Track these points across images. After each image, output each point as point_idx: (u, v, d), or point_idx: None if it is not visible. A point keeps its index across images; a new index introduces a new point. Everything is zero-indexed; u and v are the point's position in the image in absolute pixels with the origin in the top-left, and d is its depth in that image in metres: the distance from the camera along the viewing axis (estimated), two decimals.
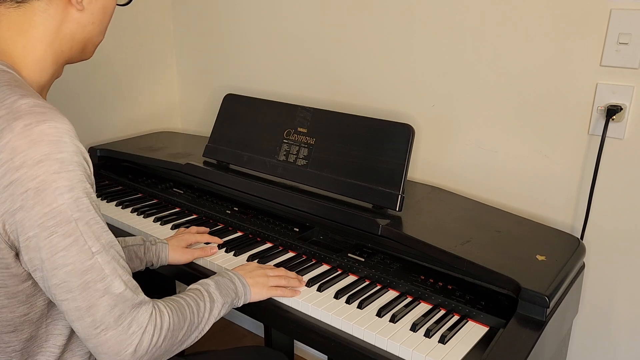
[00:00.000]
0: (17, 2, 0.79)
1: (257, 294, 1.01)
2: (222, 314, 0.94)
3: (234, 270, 1.04)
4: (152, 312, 0.79)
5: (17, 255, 0.73)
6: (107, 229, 0.77)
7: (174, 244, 1.18)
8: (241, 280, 1.00)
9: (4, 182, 0.69)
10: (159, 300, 0.84)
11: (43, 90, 0.86)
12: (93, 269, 0.73)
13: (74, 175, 0.71)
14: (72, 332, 0.86)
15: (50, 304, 0.82)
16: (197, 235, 1.23)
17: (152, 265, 1.16)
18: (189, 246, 1.20)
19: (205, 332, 0.90)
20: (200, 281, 0.96)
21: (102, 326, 0.74)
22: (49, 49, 0.82)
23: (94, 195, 0.76)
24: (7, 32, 0.79)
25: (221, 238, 1.26)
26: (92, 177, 0.77)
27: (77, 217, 0.72)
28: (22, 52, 0.80)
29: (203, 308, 0.89)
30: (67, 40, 0.84)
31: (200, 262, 1.18)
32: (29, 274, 0.76)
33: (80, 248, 0.72)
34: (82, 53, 0.89)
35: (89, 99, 1.77)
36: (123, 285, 0.76)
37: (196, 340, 0.89)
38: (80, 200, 0.72)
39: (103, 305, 0.73)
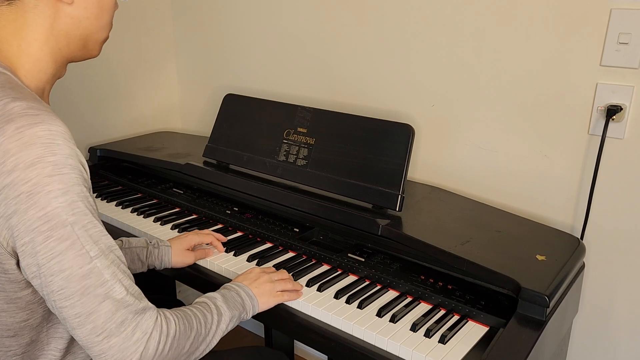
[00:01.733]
0: (7, 0, 0.77)
1: (264, 304, 0.99)
2: (229, 328, 0.91)
3: (238, 279, 1.02)
4: (157, 318, 0.76)
5: (17, 263, 0.72)
6: (106, 232, 0.75)
7: (177, 246, 1.16)
8: (247, 292, 0.97)
9: None
10: (166, 309, 0.82)
11: (44, 91, 0.84)
12: (92, 274, 0.71)
13: (68, 179, 0.70)
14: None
15: (51, 311, 0.80)
16: (202, 236, 1.20)
17: (155, 268, 1.15)
18: (193, 248, 1.19)
19: (213, 345, 0.87)
20: (207, 294, 0.93)
21: (104, 333, 0.71)
22: (44, 47, 0.80)
23: (90, 199, 0.74)
24: (2, 32, 0.78)
25: None
26: (89, 180, 0.75)
27: (73, 220, 0.70)
28: (17, 52, 0.78)
29: (210, 320, 0.86)
30: (63, 37, 0.81)
31: (200, 262, 1.18)
32: (28, 283, 0.74)
33: (77, 252, 0.70)
34: (84, 50, 0.86)
35: (88, 99, 1.77)
36: (124, 290, 0.73)
37: (204, 353, 0.86)
38: (75, 204, 0.70)
39: (104, 311, 0.71)
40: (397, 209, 1.19)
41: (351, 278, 1.13)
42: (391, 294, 1.07)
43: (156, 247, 1.14)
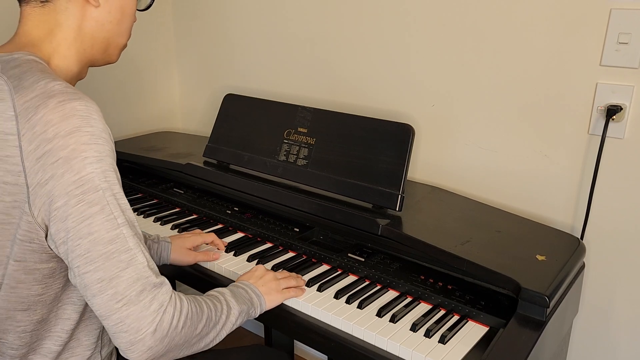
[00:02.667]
0: (42, 2, 0.84)
1: (271, 301, 1.00)
2: (239, 323, 0.92)
3: (243, 278, 1.03)
4: (172, 294, 0.79)
5: (46, 235, 0.75)
6: (130, 208, 0.79)
7: (177, 244, 1.16)
8: (254, 290, 0.98)
9: (38, 153, 0.72)
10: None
11: None
12: (118, 239, 0.74)
13: (102, 149, 0.74)
14: (81, 319, 0.87)
15: (65, 288, 0.83)
16: (204, 235, 1.20)
17: None
18: (194, 248, 1.19)
19: (222, 337, 0.89)
20: (215, 289, 0.95)
21: (124, 300, 0.74)
22: (72, 47, 0.86)
23: (119, 175, 0.78)
24: (35, 31, 0.84)
25: (221, 238, 1.26)
26: (115, 160, 0.80)
27: (105, 187, 0.74)
28: (49, 49, 0.85)
29: (220, 310, 0.88)
30: (89, 38, 0.87)
31: (200, 262, 1.18)
32: (51, 256, 0.77)
33: (106, 217, 0.74)
34: (105, 54, 0.92)
35: None
36: (145, 261, 0.77)
37: (213, 343, 0.87)
38: (107, 172, 0.75)
39: (126, 277, 0.74)
40: (397, 209, 1.19)
41: (351, 278, 1.13)
42: (391, 294, 1.07)
43: (156, 242, 1.15)
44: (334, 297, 1.04)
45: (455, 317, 1.00)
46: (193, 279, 1.18)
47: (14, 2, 1.52)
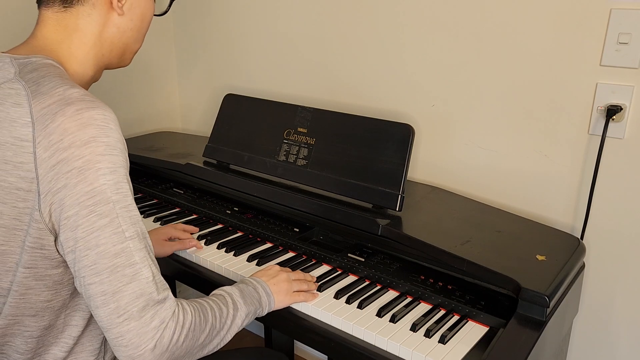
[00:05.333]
0: (64, 7, 0.84)
1: (280, 302, 0.99)
2: (245, 324, 0.92)
3: (257, 275, 1.02)
4: (175, 309, 0.78)
5: (55, 239, 0.75)
6: (142, 220, 0.78)
7: (154, 237, 1.19)
8: (265, 289, 0.98)
9: (52, 161, 0.72)
10: (184, 299, 0.84)
11: None
12: (123, 253, 0.74)
13: (117, 160, 0.75)
14: (87, 325, 0.87)
15: (73, 295, 0.83)
16: (175, 225, 1.26)
17: None
18: (170, 240, 1.22)
19: (227, 340, 0.88)
20: (225, 287, 0.94)
21: (125, 315, 0.74)
22: (91, 52, 0.87)
23: (131, 185, 0.78)
24: (55, 35, 0.85)
25: (221, 238, 1.26)
26: (128, 170, 0.80)
27: (116, 199, 0.74)
28: (67, 53, 0.85)
29: (226, 314, 0.88)
30: (108, 44, 0.89)
31: (200, 263, 1.19)
32: (60, 261, 0.77)
33: (114, 230, 0.74)
34: (121, 59, 0.93)
35: None
36: (151, 275, 0.76)
37: (217, 347, 0.87)
38: (120, 184, 0.75)
39: (129, 292, 0.74)
40: (397, 209, 1.19)
41: (351, 278, 1.13)
42: (391, 294, 1.07)
43: None
44: (334, 297, 1.04)
45: (455, 317, 1.00)
46: (193, 279, 1.18)
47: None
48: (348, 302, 1.03)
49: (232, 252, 1.21)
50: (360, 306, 1.01)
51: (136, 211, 0.77)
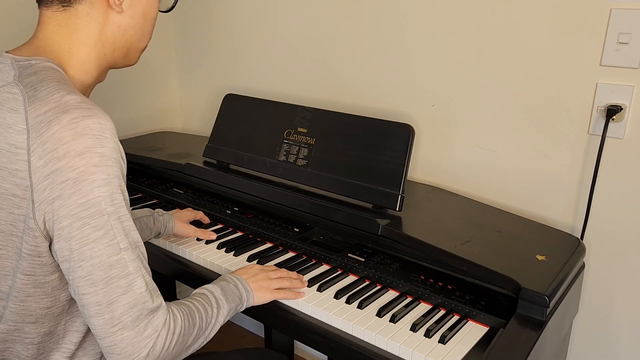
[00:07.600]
0: (63, 6, 0.83)
1: (259, 298, 1.01)
2: (226, 320, 0.94)
3: (237, 273, 1.04)
4: (166, 317, 0.79)
5: (50, 245, 0.75)
6: (135, 228, 0.78)
7: (178, 216, 1.26)
8: (245, 286, 0.99)
9: (46, 170, 0.71)
10: (172, 303, 0.85)
11: (86, 92, 0.89)
12: (118, 265, 0.74)
13: (112, 171, 0.74)
14: (88, 331, 0.88)
15: (72, 301, 0.83)
16: (195, 212, 1.33)
17: (159, 234, 1.22)
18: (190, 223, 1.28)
19: (210, 338, 0.90)
20: (207, 286, 0.96)
21: (119, 325, 0.74)
22: (92, 52, 0.86)
23: (126, 193, 0.78)
24: (55, 35, 0.83)
25: (221, 238, 1.26)
26: (125, 176, 0.79)
27: (111, 211, 0.74)
28: (67, 54, 0.84)
29: (210, 313, 0.89)
30: (110, 43, 0.87)
31: (200, 263, 1.19)
32: (57, 266, 0.78)
33: (109, 242, 0.74)
34: (126, 58, 0.92)
35: (89, 99, 1.77)
36: (144, 286, 0.77)
37: (202, 346, 0.89)
38: (114, 196, 0.74)
39: (123, 302, 0.74)
40: (397, 209, 1.19)
41: (351, 278, 1.13)
42: (391, 294, 1.07)
43: (161, 214, 1.22)
44: (334, 297, 1.04)
45: (455, 317, 1.00)
46: (193, 279, 1.18)
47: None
48: (348, 302, 1.03)
49: (232, 252, 1.21)
50: (360, 306, 1.01)
51: (130, 221, 0.77)
